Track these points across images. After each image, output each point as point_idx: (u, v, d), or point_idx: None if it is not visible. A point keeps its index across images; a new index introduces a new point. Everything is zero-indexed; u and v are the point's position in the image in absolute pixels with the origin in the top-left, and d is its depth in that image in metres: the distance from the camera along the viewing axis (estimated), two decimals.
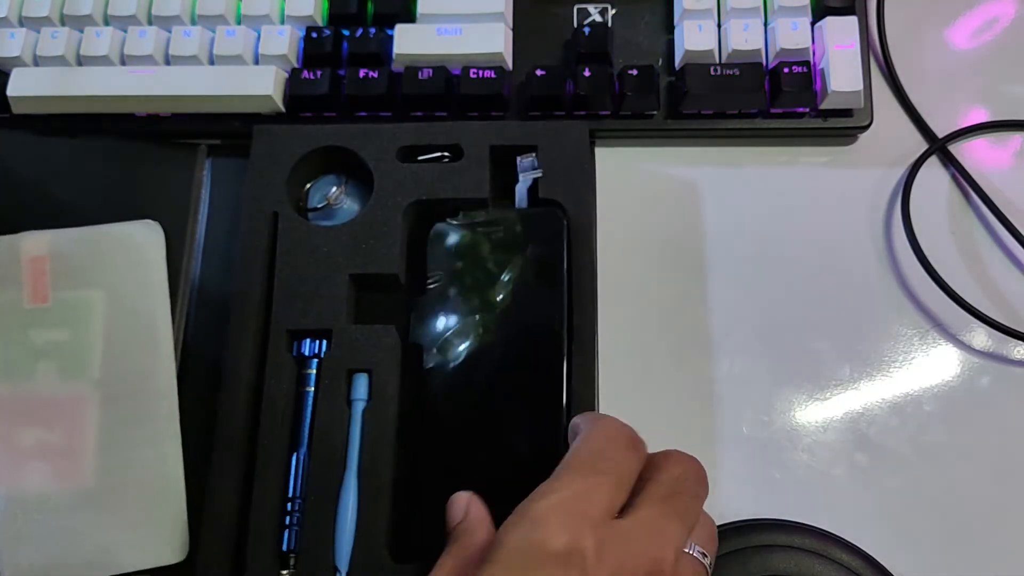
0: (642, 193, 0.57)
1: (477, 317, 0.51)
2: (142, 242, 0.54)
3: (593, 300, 0.51)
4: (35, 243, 0.53)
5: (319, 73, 0.56)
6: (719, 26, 0.57)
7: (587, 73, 0.56)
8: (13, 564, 0.48)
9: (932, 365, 0.53)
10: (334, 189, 0.54)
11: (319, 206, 0.54)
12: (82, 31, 0.58)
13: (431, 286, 0.51)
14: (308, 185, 0.55)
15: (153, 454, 0.50)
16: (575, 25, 0.59)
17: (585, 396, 0.49)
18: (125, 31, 0.58)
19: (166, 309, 0.53)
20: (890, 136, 0.58)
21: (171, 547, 0.49)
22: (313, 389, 0.50)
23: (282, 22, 0.58)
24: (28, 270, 0.52)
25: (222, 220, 0.57)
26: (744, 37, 0.56)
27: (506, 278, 0.51)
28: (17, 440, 0.50)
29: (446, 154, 0.54)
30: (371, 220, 0.52)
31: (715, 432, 0.52)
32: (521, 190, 0.53)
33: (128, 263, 0.53)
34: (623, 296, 0.55)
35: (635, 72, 0.56)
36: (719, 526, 0.49)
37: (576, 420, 0.43)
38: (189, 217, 0.56)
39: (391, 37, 0.57)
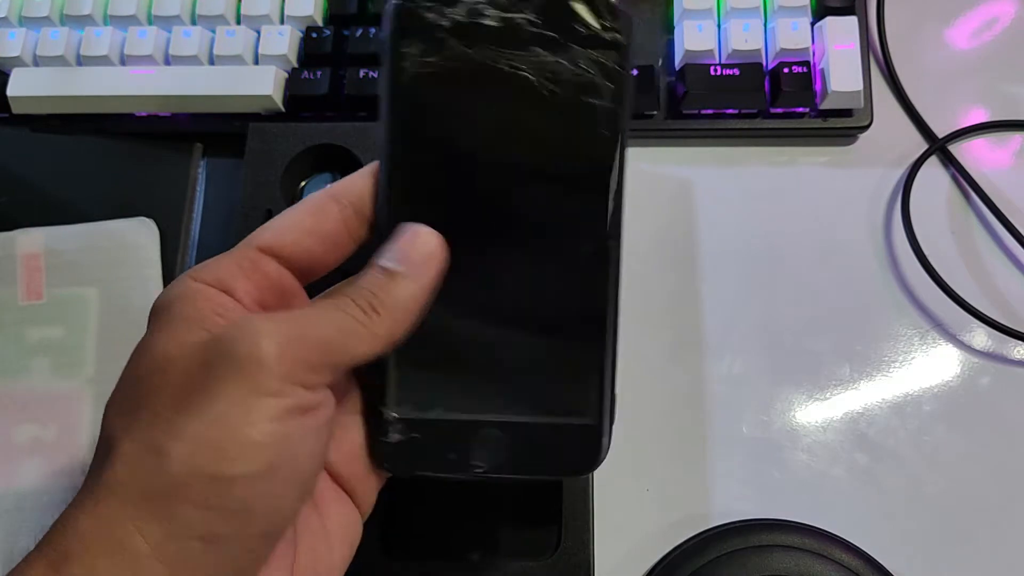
0: (641, 193, 0.57)
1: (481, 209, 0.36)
2: (137, 240, 0.54)
3: None
4: (30, 240, 0.53)
5: (319, 73, 0.56)
6: (719, 26, 0.57)
7: None
8: (8, 560, 0.48)
9: (932, 365, 0.53)
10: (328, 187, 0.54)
11: None
12: (82, 31, 0.58)
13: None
14: (303, 183, 0.55)
15: None
16: None
17: None
18: (125, 31, 0.58)
19: None
20: (890, 136, 0.58)
21: None
22: None
23: (282, 22, 0.58)
24: (23, 267, 0.52)
25: (216, 218, 0.56)
26: (744, 37, 0.56)
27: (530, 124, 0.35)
28: (11, 437, 0.50)
29: None
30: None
31: (715, 432, 0.52)
32: None
33: (123, 260, 0.53)
34: (624, 296, 0.54)
35: (635, 72, 0.56)
36: (719, 526, 0.49)
37: None
38: (184, 215, 0.55)
39: None
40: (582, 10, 0.34)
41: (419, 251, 0.34)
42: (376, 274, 0.34)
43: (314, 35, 0.58)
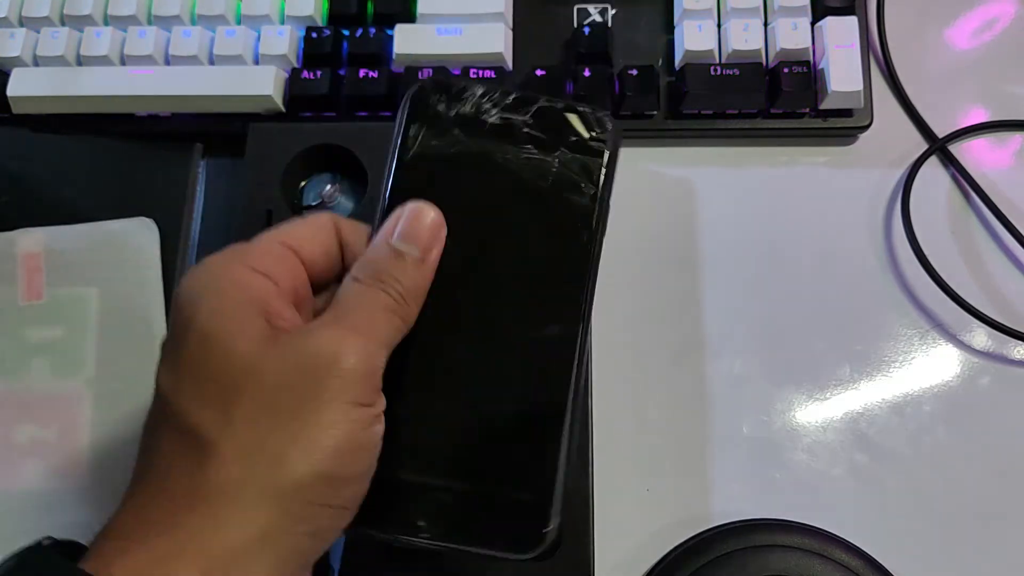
0: (642, 193, 0.57)
1: (468, 250, 0.38)
2: (137, 240, 0.53)
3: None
4: (30, 240, 0.53)
5: (319, 73, 0.56)
6: (719, 26, 0.57)
7: (587, 73, 0.56)
8: None
9: (932, 365, 0.53)
10: (328, 187, 0.54)
11: (313, 204, 0.54)
12: (82, 31, 0.58)
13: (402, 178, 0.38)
14: (303, 183, 0.55)
15: None
16: (575, 25, 0.59)
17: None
18: (125, 31, 0.58)
19: (160, 307, 0.52)
20: (890, 136, 0.58)
21: None
22: None
23: (282, 22, 0.58)
24: (23, 267, 0.52)
25: (216, 218, 0.56)
26: (744, 37, 0.56)
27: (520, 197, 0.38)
28: (11, 437, 0.50)
29: None
30: (365, 218, 0.52)
31: (715, 432, 0.52)
32: None
33: (123, 260, 0.53)
34: (624, 296, 0.54)
35: (635, 72, 0.56)
36: (719, 526, 0.49)
37: None
38: (184, 215, 0.55)
39: (391, 37, 0.57)
40: (574, 120, 0.37)
41: (427, 228, 0.36)
42: (394, 259, 0.35)
43: (314, 35, 0.58)
